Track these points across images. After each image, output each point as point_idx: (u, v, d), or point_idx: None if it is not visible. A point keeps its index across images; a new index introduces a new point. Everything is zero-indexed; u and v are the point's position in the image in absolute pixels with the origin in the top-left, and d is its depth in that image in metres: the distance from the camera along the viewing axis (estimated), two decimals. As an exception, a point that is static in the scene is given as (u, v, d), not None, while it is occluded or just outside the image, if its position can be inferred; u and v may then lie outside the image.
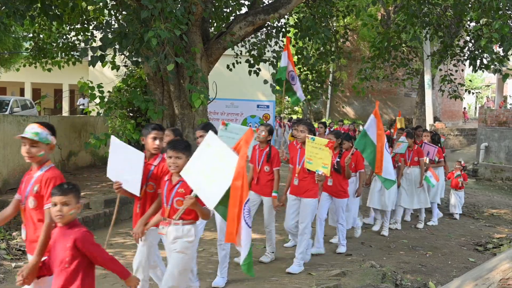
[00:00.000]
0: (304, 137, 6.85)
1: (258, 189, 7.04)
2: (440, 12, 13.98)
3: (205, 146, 4.20)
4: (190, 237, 4.61)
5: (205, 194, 4.16)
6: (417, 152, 9.75)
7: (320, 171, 6.42)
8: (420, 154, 9.75)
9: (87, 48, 10.39)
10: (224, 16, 13.36)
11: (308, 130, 6.95)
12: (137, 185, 4.86)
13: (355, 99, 32.31)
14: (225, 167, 3.97)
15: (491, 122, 20.59)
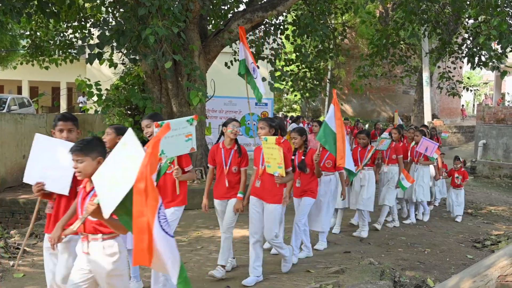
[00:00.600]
0: (265, 134, 6.26)
1: (225, 192, 6.38)
2: (439, 9, 13.97)
3: (121, 145, 3.40)
4: (113, 256, 3.87)
5: (104, 200, 3.36)
6: (395, 149, 9.41)
7: (276, 172, 5.94)
8: (398, 151, 9.43)
9: (85, 45, 10.38)
10: (222, 14, 13.35)
11: (269, 127, 6.35)
12: (67, 182, 4.34)
13: (353, 96, 32.30)
14: (133, 168, 3.16)
15: (489, 119, 20.60)
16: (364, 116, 31.12)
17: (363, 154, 8.76)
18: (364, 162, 8.69)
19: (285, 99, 37.87)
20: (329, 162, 7.74)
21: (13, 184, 11.08)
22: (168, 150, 5.25)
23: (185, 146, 5.36)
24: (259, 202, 6.26)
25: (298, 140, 7.13)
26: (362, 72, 15.16)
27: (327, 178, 7.75)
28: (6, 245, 7.51)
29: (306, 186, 7.18)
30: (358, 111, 32.42)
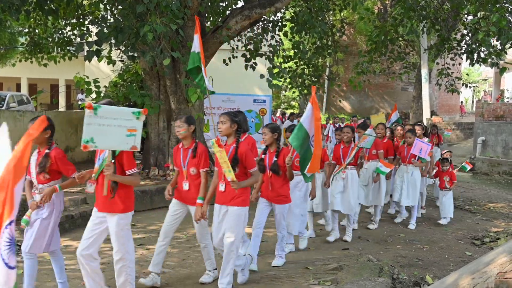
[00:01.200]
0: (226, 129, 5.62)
1: (183, 196, 5.84)
2: (437, 6, 13.96)
3: None
4: None
5: None
6: (375, 145, 8.89)
7: (229, 177, 5.27)
8: (378, 146, 9.09)
9: (83, 43, 10.36)
10: (220, 10, 13.32)
11: (231, 121, 5.59)
12: None
13: (351, 93, 32.27)
14: None
15: (488, 116, 20.60)
16: (363, 113, 31.09)
17: (346, 151, 8.14)
18: (347, 161, 8.08)
19: (283, 96, 37.83)
20: (298, 161, 6.79)
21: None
22: (100, 139, 4.57)
23: (124, 141, 4.64)
24: (224, 209, 5.61)
25: (268, 137, 6.43)
26: (361, 68, 15.14)
27: (297, 178, 7.04)
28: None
29: (279, 191, 6.51)
30: (357, 107, 32.39)
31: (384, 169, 8.83)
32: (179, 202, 5.89)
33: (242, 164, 5.47)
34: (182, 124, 5.68)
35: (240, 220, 5.52)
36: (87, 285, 5.09)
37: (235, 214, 5.50)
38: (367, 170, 9.11)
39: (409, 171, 9.44)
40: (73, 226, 8.40)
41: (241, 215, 5.54)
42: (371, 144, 8.45)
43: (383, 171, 8.87)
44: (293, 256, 7.17)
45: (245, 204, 5.57)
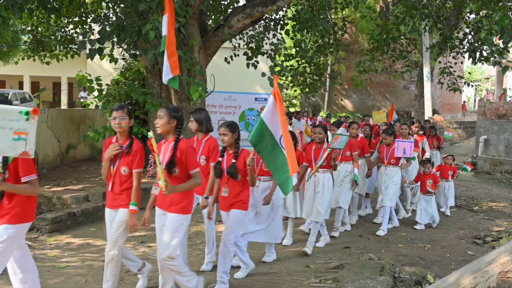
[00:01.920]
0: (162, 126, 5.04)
1: (112, 198, 5.14)
2: (440, 4, 13.94)
3: None
4: None
5: None
6: (349, 146, 8.22)
7: (160, 180, 4.67)
8: (352, 148, 8.38)
9: (85, 41, 10.38)
10: (222, 9, 13.33)
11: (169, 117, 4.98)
12: None
13: (353, 91, 32.25)
14: None
15: (490, 114, 20.57)
16: (364, 111, 31.07)
17: (318, 153, 7.49)
18: (319, 163, 7.37)
19: (285, 94, 37.83)
20: None
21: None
22: None
23: (10, 146, 3.93)
24: (163, 213, 5.06)
25: (228, 137, 5.68)
26: (362, 67, 15.14)
27: (265, 184, 6.59)
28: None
29: (236, 197, 5.78)
30: (358, 106, 32.37)
31: (357, 171, 8.34)
32: (108, 210, 5.25)
33: (183, 165, 4.84)
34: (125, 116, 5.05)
35: (177, 230, 4.89)
36: None
37: (171, 223, 4.89)
38: (339, 172, 8.28)
39: (388, 172, 9.00)
40: (75, 224, 8.42)
41: (181, 224, 4.92)
42: (344, 145, 7.54)
43: (357, 175, 8.35)
44: (294, 254, 7.18)
45: (185, 211, 4.93)
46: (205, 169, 6.11)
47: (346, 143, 7.65)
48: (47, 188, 9.93)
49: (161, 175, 4.51)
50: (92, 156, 14.40)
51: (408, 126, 10.38)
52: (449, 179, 10.58)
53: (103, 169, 5.15)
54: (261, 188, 6.60)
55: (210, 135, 6.28)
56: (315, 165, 7.40)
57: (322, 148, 7.44)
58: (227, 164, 5.73)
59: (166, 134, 4.98)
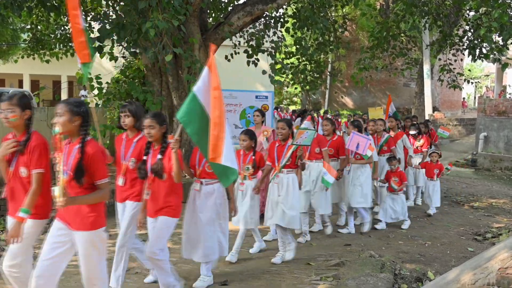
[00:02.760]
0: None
1: (12, 207, 4.31)
2: (439, 1, 13.93)
3: None
4: None
5: None
6: (317, 141, 7.69)
7: (56, 190, 3.75)
8: (321, 143, 7.79)
9: (85, 39, 10.36)
10: (222, 7, 13.32)
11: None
12: None
13: (354, 89, 32.25)
14: None
15: (490, 112, 20.58)
16: (365, 109, 31.07)
17: (281, 151, 6.79)
18: (282, 163, 6.73)
19: (285, 92, 37.84)
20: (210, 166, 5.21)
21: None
22: None
23: None
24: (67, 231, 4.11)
25: (155, 131, 5.00)
26: (363, 64, 15.13)
27: (209, 188, 5.68)
28: (2, 230, 7.54)
29: (164, 201, 5.05)
30: (359, 103, 32.38)
31: (328, 178, 7.47)
32: None
33: (88, 173, 3.97)
34: None
35: (89, 250, 4.06)
36: None
37: (81, 242, 4.04)
38: (310, 172, 7.78)
39: (354, 170, 8.47)
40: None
41: (92, 241, 4.04)
42: (310, 141, 6.69)
43: (328, 181, 7.50)
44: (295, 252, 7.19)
45: (95, 226, 4.04)
46: (133, 173, 5.29)
47: (313, 138, 6.81)
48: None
49: (61, 182, 3.74)
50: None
51: (384, 123, 10.02)
52: (434, 178, 10.24)
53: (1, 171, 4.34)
54: (204, 192, 5.65)
55: (143, 133, 5.25)
56: (278, 165, 6.73)
57: (286, 145, 6.71)
58: (152, 161, 5.04)
59: (69, 135, 4.07)
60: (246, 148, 6.57)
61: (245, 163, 6.56)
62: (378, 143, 9.66)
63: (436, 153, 10.45)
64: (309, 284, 5.88)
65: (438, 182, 10.37)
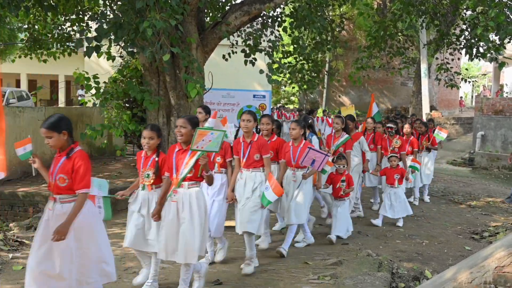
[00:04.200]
0: None
1: None
2: (436, 1, 13.94)
3: None
4: None
5: None
6: (258, 146, 6.34)
7: None
8: (263, 149, 6.32)
9: (83, 38, 10.36)
10: (220, 6, 13.32)
11: None
12: None
13: (351, 88, 32.29)
14: None
15: (487, 110, 20.62)
16: (362, 108, 31.11)
17: (183, 158, 5.30)
18: (183, 174, 5.18)
19: (283, 91, 37.87)
20: None
21: (12, 177, 11.08)
22: None
23: None
24: None
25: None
26: (360, 64, 15.15)
27: None
28: (5, 238, 7.53)
29: None
30: (356, 103, 32.34)
31: (269, 194, 6.07)
32: None
33: None
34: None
35: None
36: None
37: None
38: (245, 182, 6.37)
39: (296, 178, 7.02)
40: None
41: None
42: (218, 145, 5.01)
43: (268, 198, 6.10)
44: (292, 251, 7.19)
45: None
46: None
47: (222, 142, 5.29)
48: (44, 187, 9.94)
49: None
50: (90, 154, 14.39)
51: (342, 121, 8.87)
52: (395, 184, 9.07)
53: None
54: None
55: None
56: (177, 177, 5.20)
57: (188, 152, 5.20)
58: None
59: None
60: (149, 148, 5.52)
61: (145, 167, 5.50)
62: (334, 142, 8.77)
63: (395, 157, 9.23)
64: (307, 283, 5.88)
65: (400, 189, 9.16)
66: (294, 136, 7.01)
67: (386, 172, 9.30)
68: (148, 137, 5.40)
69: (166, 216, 5.16)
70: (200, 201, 5.19)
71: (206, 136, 4.96)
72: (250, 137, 6.36)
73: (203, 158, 4.99)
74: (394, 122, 10.45)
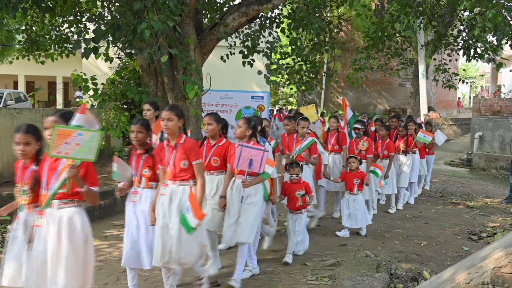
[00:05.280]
0: None
1: None
2: (434, 2, 13.96)
3: None
4: None
5: None
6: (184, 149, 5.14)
7: None
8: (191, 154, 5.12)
9: (80, 40, 10.37)
10: (218, 7, 13.32)
11: None
12: None
13: (349, 89, 32.33)
14: None
15: (485, 111, 20.65)
16: (360, 109, 31.15)
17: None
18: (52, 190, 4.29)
19: (281, 92, 37.87)
20: None
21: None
22: None
23: None
24: None
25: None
26: (358, 65, 15.16)
27: None
28: (3, 240, 7.53)
29: None
30: (354, 104, 32.44)
31: (191, 218, 4.86)
32: None
33: None
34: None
35: None
36: None
37: None
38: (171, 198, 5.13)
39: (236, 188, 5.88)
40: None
41: None
42: (93, 151, 4.07)
43: (189, 224, 4.89)
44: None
45: None
46: None
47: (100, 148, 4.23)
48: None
49: None
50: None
51: (291, 121, 8.44)
52: (354, 191, 8.17)
53: None
54: None
55: None
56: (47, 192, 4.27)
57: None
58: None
59: None
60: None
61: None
62: (296, 146, 7.91)
63: (354, 158, 8.31)
64: (305, 284, 5.89)
65: (360, 196, 8.28)
66: (238, 135, 6.00)
67: (346, 176, 8.33)
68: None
69: (36, 247, 4.16)
70: (72, 229, 4.15)
71: (71, 137, 3.90)
72: (175, 139, 5.10)
73: (71, 168, 4.01)
74: (361, 123, 9.58)
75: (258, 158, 5.53)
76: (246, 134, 5.97)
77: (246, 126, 5.98)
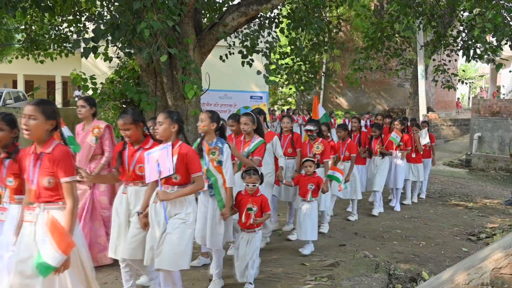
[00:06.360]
0: None
1: None
2: (434, 2, 13.96)
3: None
4: None
5: None
6: None
7: None
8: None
9: (80, 39, 10.35)
10: (217, 7, 13.31)
11: None
12: None
13: (348, 89, 32.32)
14: None
15: (484, 112, 20.66)
16: (359, 109, 31.16)
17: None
18: None
19: (280, 92, 37.82)
20: None
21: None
22: None
23: None
24: None
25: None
26: (357, 65, 15.15)
27: None
28: None
29: None
30: (353, 104, 32.45)
31: None
32: None
33: None
34: None
35: None
36: None
37: None
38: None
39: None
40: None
41: None
42: None
43: None
44: (290, 253, 7.19)
45: None
46: None
47: None
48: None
49: None
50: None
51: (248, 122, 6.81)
52: (307, 197, 7.09)
53: None
54: None
55: None
56: None
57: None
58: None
59: None
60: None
61: None
62: (244, 148, 6.64)
63: (311, 161, 7.22)
64: (304, 284, 5.89)
65: (316, 203, 7.28)
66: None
67: (300, 180, 7.25)
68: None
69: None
70: None
71: None
72: (42, 146, 3.87)
73: None
74: (314, 123, 8.35)
75: (164, 158, 4.60)
76: (211, 128, 5.50)
77: (209, 121, 5.48)
